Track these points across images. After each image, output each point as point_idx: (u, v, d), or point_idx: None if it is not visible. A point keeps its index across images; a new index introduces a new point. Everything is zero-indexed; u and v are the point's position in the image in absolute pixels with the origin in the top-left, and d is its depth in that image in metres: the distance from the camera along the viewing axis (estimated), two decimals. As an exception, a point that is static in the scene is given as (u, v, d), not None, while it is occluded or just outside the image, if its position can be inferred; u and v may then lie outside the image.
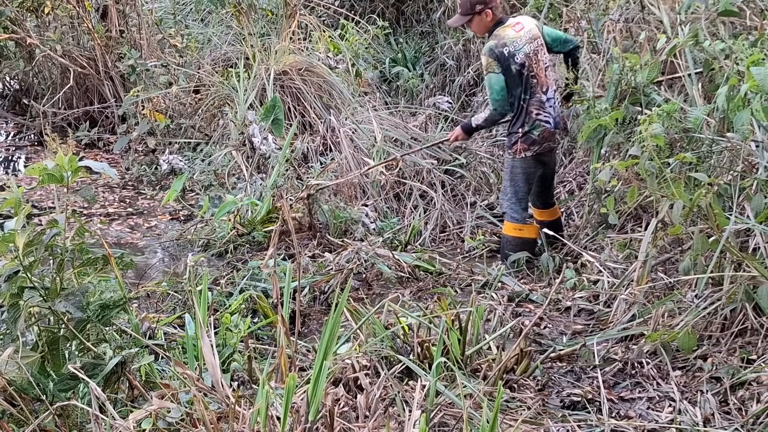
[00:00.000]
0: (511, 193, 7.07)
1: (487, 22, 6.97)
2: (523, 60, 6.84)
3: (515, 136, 6.93)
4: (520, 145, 6.91)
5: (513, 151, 6.96)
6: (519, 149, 6.93)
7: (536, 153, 6.95)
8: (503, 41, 6.85)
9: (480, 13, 6.94)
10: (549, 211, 7.38)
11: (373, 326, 5.18)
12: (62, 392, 4.09)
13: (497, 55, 6.81)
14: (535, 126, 6.88)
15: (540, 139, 6.91)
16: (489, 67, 6.85)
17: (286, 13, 10.32)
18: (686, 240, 5.75)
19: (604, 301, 6.10)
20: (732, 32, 6.55)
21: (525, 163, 6.97)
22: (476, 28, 7.10)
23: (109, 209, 8.95)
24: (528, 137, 6.89)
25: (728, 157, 5.65)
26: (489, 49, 6.85)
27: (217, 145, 9.48)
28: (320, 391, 3.96)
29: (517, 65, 6.82)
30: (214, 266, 7.12)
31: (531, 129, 6.88)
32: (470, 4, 6.95)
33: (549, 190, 7.38)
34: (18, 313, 4.01)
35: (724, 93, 5.34)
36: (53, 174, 4.08)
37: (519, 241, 7.09)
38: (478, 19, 6.99)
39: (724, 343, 5.12)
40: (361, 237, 7.52)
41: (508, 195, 7.09)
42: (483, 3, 6.91)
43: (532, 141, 6.90)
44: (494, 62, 6.82)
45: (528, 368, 5.11)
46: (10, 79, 12.80)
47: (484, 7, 6.92)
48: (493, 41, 6.87)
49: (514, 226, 7.09)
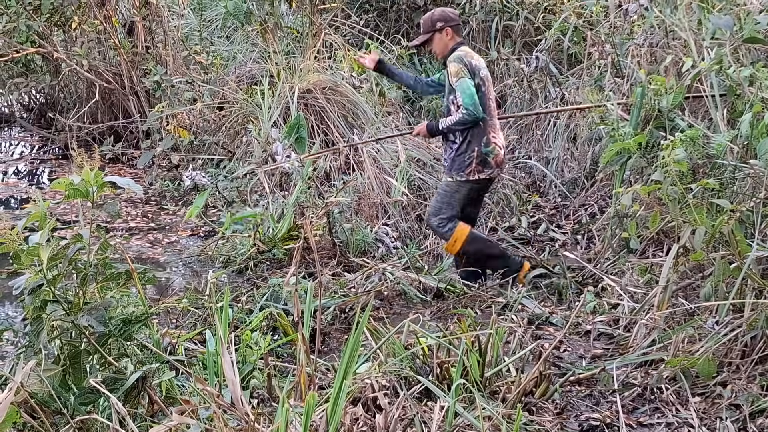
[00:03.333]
0: (446, 213, 7.02)
1: (447, 40, 7.03)
2: (483, 80, 6.93)
3: (470, 157, 6.89)
4: (474, 166, 6.90)
5: (466, 173, 6.92)
6: (473, 170, 6.91)
7: (488, 177, 7.00)
8: (470, 55, 6.97)
9: (441, 30, 7.02)
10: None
11: (392, 346, 5.18)
12: (83, 406, 4.11)
13: (466, 63, 6.85)
14: (491, 149, 6.91)
15: (493, 163, 6.95)
16: (459, 73, 6.83)
17: (312, 31, 10.37)
18: (708, 266, 5.73)
19: (624, 325, 6.08)
20: (756, 59, 6.55)
21: (474, 185, 7.00)
22: (437, 46, 7.13)
23: (131, 224, 8.99)
24: (483, 159, 6.89)
25: (751, 184, 5.64)
26: (458, 57, 6.89)
27: (241, 161, 9.51)
28: (339, 410, 3.97)
29: (481, 80, 6.90)
30: (235, 283, 7.13)
31: (488, 150, 6.89)
32: (431, 22, 7.06)
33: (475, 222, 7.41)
34: (41, 327, 4.04)
35: (748, 119, 5.34)
36: (79, 189, 4.11)
37: (465, 246, 7.03)
38: (438, 37, 7.05)
39: (744, 370, 5.09)
40: (381, 256, 7.54)
41: (441, 215, 7.03)
42: (444, 20, 7.02)
43: (487, 164, 6.92)
44: (464, 68, 6.83)
45: (547, 391, 5.09)
46: (36, 93, 12.89)
47: (444, 25, 7.01)
48: (461, 53, 6.94)
49: (451, 242, 7.03)
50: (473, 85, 6.82)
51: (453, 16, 7.14)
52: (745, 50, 6.71)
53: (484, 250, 7.09)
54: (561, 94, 9.67)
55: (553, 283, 7.03)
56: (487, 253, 7.09)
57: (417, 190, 8.35)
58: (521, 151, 9.87)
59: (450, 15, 7.12)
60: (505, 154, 7.11)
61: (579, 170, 9.00)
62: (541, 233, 8.40)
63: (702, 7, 6.97)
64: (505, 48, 11.11)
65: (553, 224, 8.57)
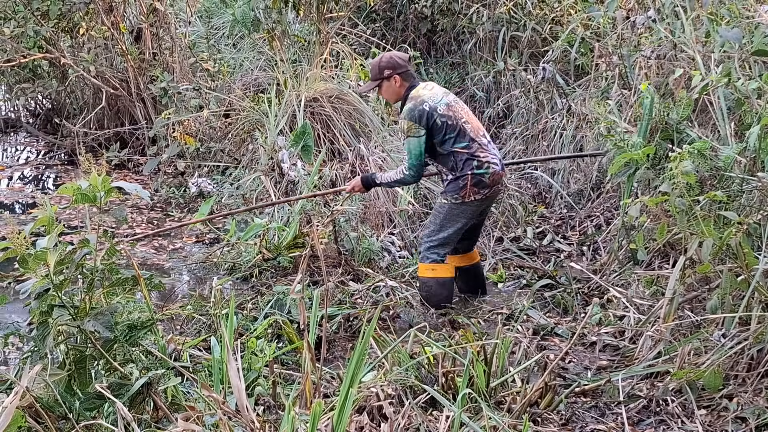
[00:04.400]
0: (438, 235, 6.82)
1: (397, 88, 6.84)
2: (446, 110, 6.69)
3: (463, 180, 6.67)
4: (469, 188, 6.67)
5: (461, 196, 6.69)
6: (468, 193, 6.68)
7: (485, 196, 6.78)
8: (420, 99, 6.71)
9: (388, 78, 6.83)
10: (468, 255, 7.21)
11: (398, 355, 5.18)
12: (88, 411, 4.11)
13: (417, 116, 6.65)
14: (485, 169, 6.68)
15: (490, 182, 6.71)
16: (409, 131, 6.67)
17: (319, 40, 10.37)
18: (714, 278, 5.72)
19: (629, 337, 6.08)
20: (764, 71, 6.55)
21: (471, 208, 6.78)
22: (386, 94, 6.98)
23: (137, 230, 9.00)
24: (478, 180, 6.67)
25: (758, 197, 5.64)
26: (408, 111, 6.69)
27: (246, 169, 9.52)
28: (345, 418, 3.96)
29: (443, 117, 6.67)
30: (239, 290, 7.13)
31: (482, 172, 6.67)
32: (378, 69, 6.86)
33: (477, 237, 7.30)
34: (47, 331, 4.03)
35: (756, 132, 5.34)
36: (86, 194, 4.11)
37: (434, 282, 6.86)
38: (387, 84, 6.86)
39: (750, 383, 5.08)
40: (387, 265, 7.54)
41: (433, 237, 6.84)
42: (391, 68, 6.80)
43: (483, 184, 6.69)
44: (414, 125, 6.65)
45: (552, 402, 5.09)
46: (43, 98, 12.90)
47: (392, 73, 6.80)
48: (410, 104, 6.71)
49: (427, 266, 6.86)
50: (424, 142, 6.65)
51: (401, 62, 6.86)
52: (754, 63, 6.71)
53: (442, 297, 6.88)
54: (567, 106, 9.68)
55: (559, 294, 7.02)
56: (442, 298, 6.89)
57: (423, 199, 8.35)
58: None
59: (398, 61, 6.85)
60: (503, 167, 6.90)
61: (585, 181, 8.99)
62: (546, 244, 8.39)
63: (710, 20, 6.97)
64: (512, 59, 11.12)
65: (559, 235, 8.57)
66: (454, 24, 12.37)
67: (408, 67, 6.89)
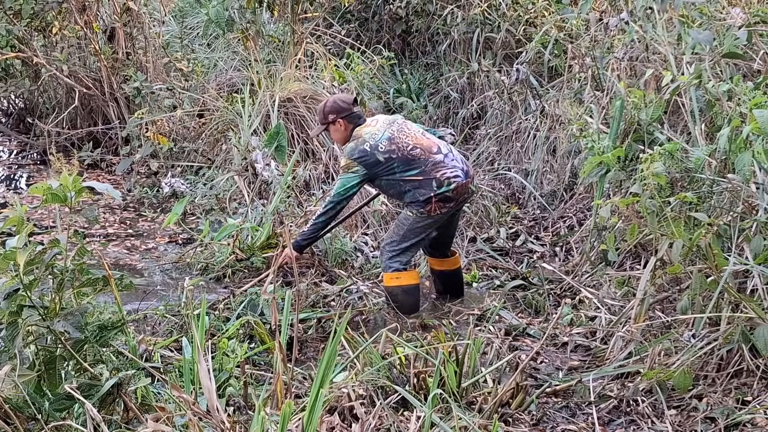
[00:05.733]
0: (400, 245, 6.78)
1: (342, 131, 6.83)
2: (389, 145, 6.64)
3: (426, 200, 6.59)
4: (434, 204, 6.61)
5: (427, 211, 6.62)
6: (434, 207, 6.62)
7: (450, 208, 6.74)
8: (362, 139, 6.68)
9: (333, 123, 6.83)
10: (450, 260, 7.21)
11: (370, 355, 5.18)
12: (57, 412, 4.09)
13: (358, 156, 6.63)
14: (446, 186, 6.60)
15: (454, 195, 6.65)
16: (347, 168, 6.66)
17: (293, 40, 10.37)
18: (685, 279, 5.76)
19: (601, 337, 6.11)
20: (735, 74, 6.59)
21: (436, 220, 6.74)
22: (335, 136, 6.99)
23: (109, 230, 8.96)
24: (443, 196, 6.61)
25: (728, 198, 5.67)
26: (348, 150, 6.69)
27: (220, 169, 9.50)
28: (315, 419, 3.96)
29: (385, 153, 6.62)
30: (212, 290, 7.11)
31: (443, 189, 6.60)
32: (324, 114, 6.87)
33: (451, 241, 7.25)
34: (16, 331, 4.01)
35: (726, 134, 5.37)
36: (57, 194, 4.09)
37: (400, 290, 6.83)
38: (333, 128, 6.87)
39: (720, 383, 5.12)
40: (360, 266, 7.54)
41: (395, 246, 6.79)
42: (335, 112, 6.79)
43: (448, 199, 6.64)
44: (353, 163, 6.64)
45: (523, 402, 5.11)
46: (15, 98, 12.81)
47: (336, 117, 6.80)
48: (352, 143, 6.71)
49: (391, 276, 6.83)
50: (356, 183, 6.65)
51: (344, 105, 6.82)
52: (725, 65, 6.75)
53: (410, 304, 6.86)
54: (541, 107, 9.71)
55: (531, 295, 7.04)
56: (409, 305, 6.86)
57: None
58: (501, 163, 9.88)
59: (341, 105, 6.82)
60: (467, 175, 6.76)
61: (558, 182, 9.02)
62: (519, 245, 8.42)
63: (682, 22, 7.01)
64: (486, 60, 11.13)
65: (532, 236, 8.59)
66: (429, 25, 12.37)
67: (352, 109, 6.84)
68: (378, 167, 6.62)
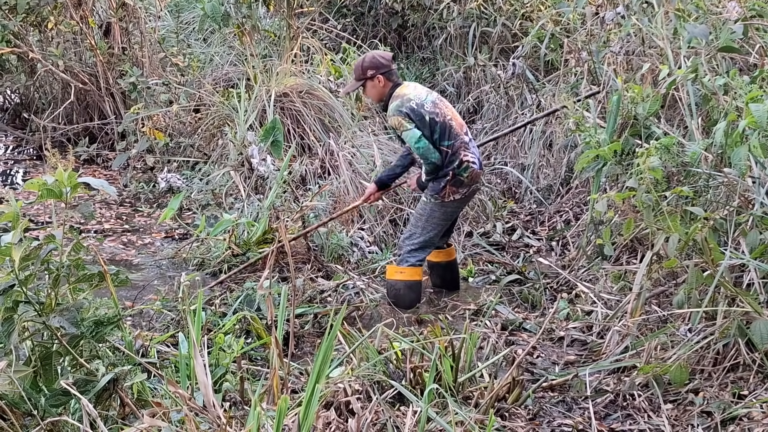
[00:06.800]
0: (420, 238, 6.84)
1: (381, 87, 6.86)
2: (433, 107, 6.73)
3: (443, 180, 6.71)
4: (449, 188, 6.71)
5: (441, 196, 6.72)
6: (447, 192, 6.72)
7: (464, 195, 6.82)
8: (407, 97, 6.75)
9: (372, 78, 6.85)
10: (445, 251, 7.25)
11: (366, 350, 5.18)
12: (54, 407, 4.08)
13: (406, 112, 6.68)
14: (464, 168, 6.70)
15: (468, 181, 6.75)
16: (401, 127, 6.70)
17: (289, 35, 10.35)
18: (681, 274, 5.76)
19: (597, 332, 6.11)
20: (731, 68, 6.58)
21: (450, 207, 6.83)
22: (371, 93, 7.00)
23: (105, 225, 8.95)
24: (457, 180, 6.70)
25: (725, 192, 5.67)
26: (395, 109, 6.73)
27: (216, 164, 9.48)
28: (312, 414, 3.96)
29: (430, 113, 6.69)
30: (208, 286, 7.10)
31: (460, 171, 6.70)
32: (362, 69, 6.88)
33: (450, 234, 7.32)
34: (12, 327, 4.00)
35: (723, 128, 5.37)
36: (52, 189, 4.08)
37: (403, 284, 6.87)
38: (370, 84, 6.88)
39: (716, 377, 5.12)
40: (356, 261, 7.54)
41: (414, 240, 6.85)
42: (375, 68, 6.83)
43: (461, 183, 6.73)
44: (404, 120, 6.67)
45: (520, 397, 5.11)
46: (11, 93, 12.77)
47: (375, 73, 6.83)
48: (396, 101, 6.75)
49: (396, 269, 6.89)
50: (420, 131, 6.66)
51: (384, 62, 6.88)
52: (721, 59, 6.74)
53: (410, 300, 6.90)
54: (537, 101, 9.71)
55: (527, 290, 7.05)
56: (409, 301, 6.90)
57: (392, 194, 8.33)
58: (497, 158, 9.88)
59: (381, 61, 6.88)
60: (481, 166, 6.94)
61: (554, 177, 9.02)
62: (515, 239, 8.41)
63: (678, 16, 7.00)
64: (483, 54, 11.13)
65: (528, 230, 8.59)
66: (425, 19, 12.38)
67: (391, 66, 6.91)
68: (423, 126, 6.68)
